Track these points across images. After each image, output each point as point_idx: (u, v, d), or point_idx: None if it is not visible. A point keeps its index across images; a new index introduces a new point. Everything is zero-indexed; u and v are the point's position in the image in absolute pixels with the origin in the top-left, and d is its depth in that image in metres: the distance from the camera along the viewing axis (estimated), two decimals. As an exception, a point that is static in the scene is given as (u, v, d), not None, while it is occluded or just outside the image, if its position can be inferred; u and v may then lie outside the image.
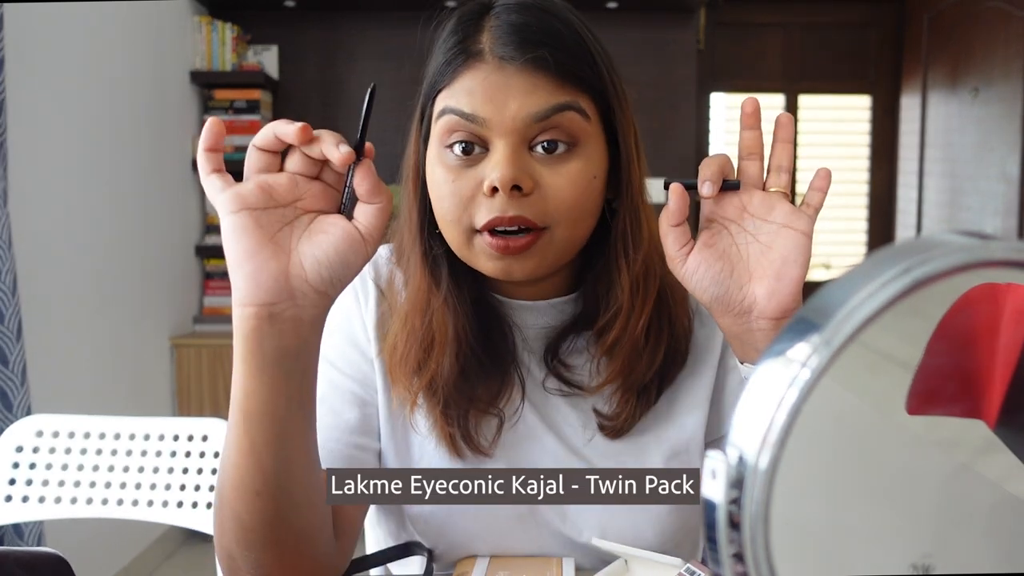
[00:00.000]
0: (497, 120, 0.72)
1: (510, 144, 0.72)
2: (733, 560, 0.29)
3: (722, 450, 0.30)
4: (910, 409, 0.33)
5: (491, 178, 0.72)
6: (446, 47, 0.76)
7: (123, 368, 2.64)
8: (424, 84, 0.79)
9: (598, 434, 0.84)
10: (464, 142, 0.74)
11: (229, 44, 3.15)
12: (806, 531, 0.32)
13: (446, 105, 0.74)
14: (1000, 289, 0.33)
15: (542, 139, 0.73)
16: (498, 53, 0.73)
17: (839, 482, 0.33)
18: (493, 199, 0.72)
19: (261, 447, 0.66)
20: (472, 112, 0.72)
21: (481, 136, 0.73)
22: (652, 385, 0.83)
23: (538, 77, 0.72)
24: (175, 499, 1.19)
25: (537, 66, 0.72)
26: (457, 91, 0.74)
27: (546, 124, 0.73)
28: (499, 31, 0.74)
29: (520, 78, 0.72)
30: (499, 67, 0.72)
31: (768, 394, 0.29)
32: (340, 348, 0.85)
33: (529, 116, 0.72)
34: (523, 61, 0.72)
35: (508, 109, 0.72)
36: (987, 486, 0.35)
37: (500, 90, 0.72)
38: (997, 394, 0.34)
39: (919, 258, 0.29)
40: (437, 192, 0.76)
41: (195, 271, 3.18)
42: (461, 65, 0.74)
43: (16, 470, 1.19)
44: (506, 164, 0.71)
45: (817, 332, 0.29)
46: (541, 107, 0.72)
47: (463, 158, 0.74)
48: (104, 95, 2.53)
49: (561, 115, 0.73)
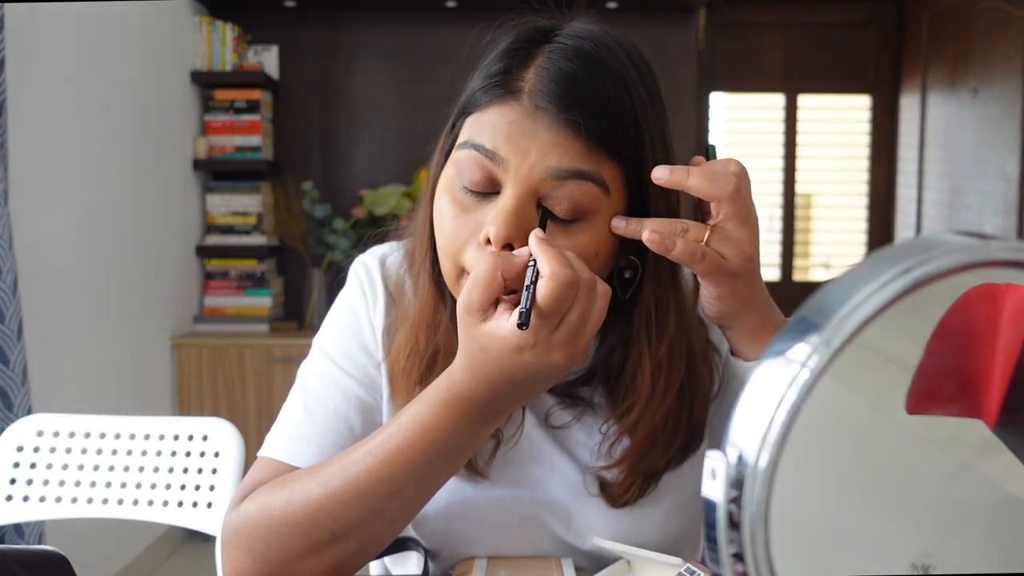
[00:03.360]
0: (515, 163, 0.69)
1: (519, 195, 0.69)
2: (733, 560, 0.29)
3: (722, 450, 0.30)
4: (910, 409, 0.33)
5: (488, 229, 0.69)
6: (490, 70, 0.72)
7: (123, 368, 2.64)
8: (461, 97, 0.75)
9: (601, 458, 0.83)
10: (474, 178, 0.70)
11: (229, 44, 3.15)
12: (806, 531, 0.32)
13: (469, 137, 0.71)
14: (1000, 289, 0.33)
15: (554, 204, 0.69)
16: (535, 100, 0.69)
17: (839, 482, 0.33)
18: (485, 250, 0.70)
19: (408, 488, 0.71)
20: (492, 148, 0.69)
21: (495, 178, 0.70)
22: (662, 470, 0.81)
23: (567, 136, 0.68)
24: (175, 499, 1.19)
25: (568, 125, 0.68)
26: (483, 123, 0.70)
27: (560, 186, 0.69)
28: (544, 75, 0.69)
29: (549, 132, 0.68)
30: (532, 113, 0.69)
31: (768, 394, 0.29)
32: (347, 349, 0.84)
33: (547, 171, 0.68)
34: (557, 117, 0.68)
35: (528, 157, 0.68)
36: (987, 486, 0.35)
37: (525, 136, 0.69)
38: (997, 394, 0.34)
39: (919, 258, 0.29)
40: (438, 218, 0.73)
41: (195, 271, 3.18)
42: (497, 97, 0.70)
43: (16, 470, 1.19)
44: (506, 218, 0.68)
45: (817, 332, 0.29)
46: (561, 167, 0.68)
47: (471, 195, 0.71)
48: (104, 95, 2.53)
49: (577, 183, 0.69)
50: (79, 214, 2.39)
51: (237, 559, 0.74)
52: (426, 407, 0.68)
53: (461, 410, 0.68)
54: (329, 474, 0.71)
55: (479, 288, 0.64)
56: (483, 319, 0.65)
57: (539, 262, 0.64)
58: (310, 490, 0.71)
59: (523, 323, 0.62)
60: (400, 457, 0.69)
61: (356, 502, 0.70)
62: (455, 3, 3.30)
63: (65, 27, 2.31)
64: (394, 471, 0.69)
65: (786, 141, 4.07)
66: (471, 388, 0.67)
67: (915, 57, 3.97)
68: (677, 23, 3.46)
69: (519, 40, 0.73)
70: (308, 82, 3.40)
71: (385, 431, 0.70)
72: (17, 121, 1.99)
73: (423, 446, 0.68)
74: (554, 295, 0.62)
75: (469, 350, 0.66)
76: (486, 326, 0.65)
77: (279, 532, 0.72)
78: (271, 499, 0.73)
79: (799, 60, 4.09)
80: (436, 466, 0.70)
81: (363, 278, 0.86)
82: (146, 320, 2.80)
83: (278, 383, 2.95)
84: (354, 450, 0.72)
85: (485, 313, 0.65)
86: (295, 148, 3.40)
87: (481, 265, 0.65)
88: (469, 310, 0.65)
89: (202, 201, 3.23)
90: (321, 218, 3.25)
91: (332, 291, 3.62)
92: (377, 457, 0.69)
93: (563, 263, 0.63)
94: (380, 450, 0.70)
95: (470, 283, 0.65)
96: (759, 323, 0.74)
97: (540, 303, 0.63)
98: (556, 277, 0.62)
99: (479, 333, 0.65)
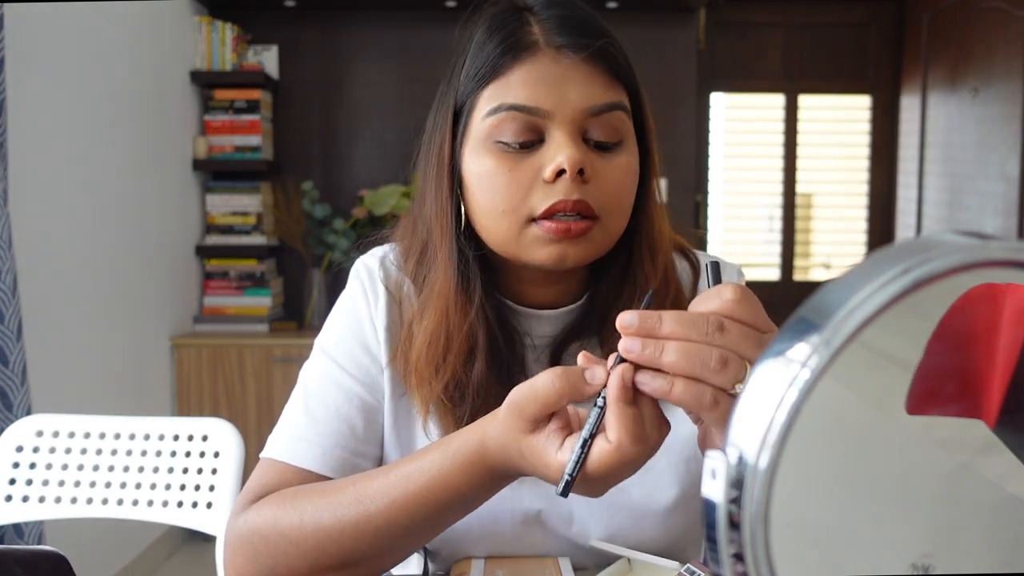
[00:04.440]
0: (557, 109, 0.73)
1: (570, 131, 0.73)
2: (733, 560, 0.29)
3: (722, 450, 0.30)
4: (910, 409, 0.33)
5: (557, 161, 0.72)
6: (490, 43, 0.75)
7: (123, 368, 2.64)
8: (459, 81, 0.78)
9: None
10: (519, 133, 0.74)
11: (229, 44, 3.15)
12: (806, 531, 0.31)
13: (501, 102, 0.74)
14: (1000, 289, 0.33)
15: (595, 135, 0.75)
16: (555, 43, 0.73)
17: (839, 482, 0.33)
18: (554, 184, 0.73)
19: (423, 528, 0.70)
20: (532, 104, 0.73)
21: (538, 127, 0.74)
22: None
23: (594, 70, 0.74)
24: (175, 499, 1.19)
25: (595, 59, 0.74)
26: (512, 84, 0.74)
27: (599, 121, 0.74)
28: (552, 23, 0.74)
29: (578, 70, 0.73)
30: (555, 58, 0.73)
31: (768, 394, 0.29)
32: (349, 350, 0.84)
33: (587, 108, 0.73)
34: (583, 53, 0.73)
35: (568, 99, 0.73)
36: (987, 486, 0.35)
37: (559, 80, 0.73)
38: (997, 394, 0.34)
39: (919, 258, 0.29)
40: (488, 184, 0.75)
41: (195, 271, 3.18)
42: (513, 59, 0.74)
43: (16, 470, 1.19)
44: (573, 148, 0.72)
45: (817, 332, 0.29)
46: (598, 102, 0.74)
47: (517, 149, 0.74)
48: (104, 95, 2.53)
49: (612, 114, 0.75)
50: (79, 214, 2.39)
51: (242, 567, 0.74)
52: (451, 463, 0.67)
53: (488, 474, 0.66)
54: (343, 504, 0.70)
55: (535, 404, 0.60)
56: (532, 429, 0.61)
57: (610, 421, 0.57)
58: (321, 517, 0.71)
59: (564, 493, 0.57)
60: (418, 504, 0.68)
61: (369, 538, 0.70)
62: (455, 3, 3.30)
63: (65, 27, 2.31)
64: (410, 515, 0.68)
65: (786, 141, 4.07)
66: (500, 463, 0.65)
67: (915, 57, 3.97)
68: (677, 23, 3.46)
69: (500, 13, 0.77)
70: (308, 82, 3.40)
71: (403, 469, 0.69)
72: (17, 121, 1.99)
73: (445, 496, 0.67)
74: (611, 468, 0.57)
75: (507, 441, 0.63)
76: (531, 439, 0.61)
77: (286, 552, 0.72)
78: (281, 516, 0.73)
79: (799, 60, 4.09)
80: (453, 512, 0.70)
81: (364, 279, 0.86)
82: (146, 320, 2.80)
83: (278, 383, 2.95)
84: (369, 482, 0.71)
85: (536, 424, 0.61)
86: (295, 148, 3.40)
87: (545, 382, 0.59)
88: (522, 414, 0.61)
89: (202, 201, 3.23)
90: (321, 218, 3.25)
91: (332, 291, 3.60)
92: (394, 499, 0.68)
93: (638, 436, 0.56)
94: (397, 491, 0.68)
95: (528, 390, 0.60)
96: None
97: (590, 468, 0.57)
98: (622, 452, 0.56)
99: (523, 440, 0.61)
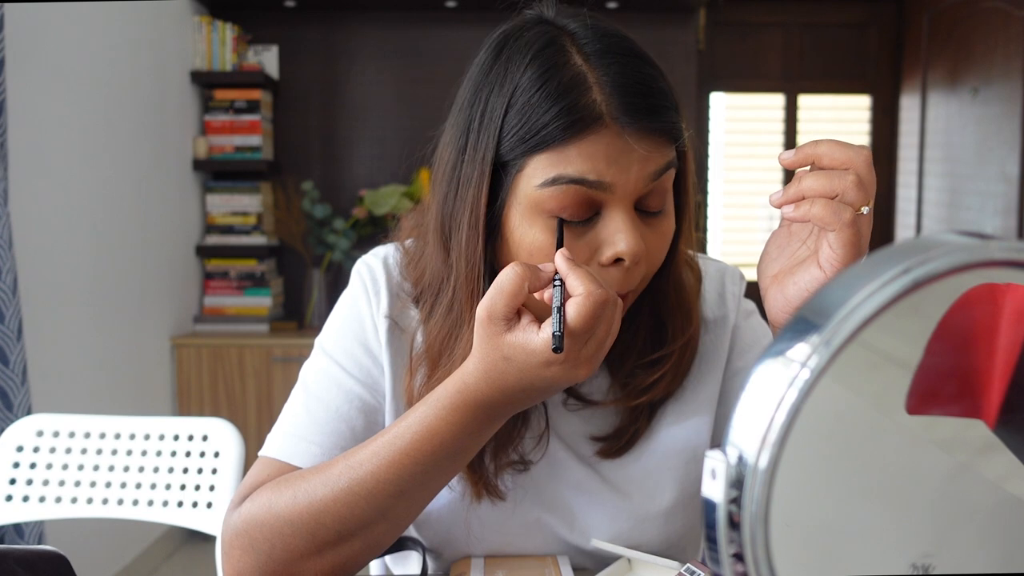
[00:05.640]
0: (619, 184, 0.69)
1: (628, 209, 0.71)
2: (733, 560, 0.29)
3: (722, 450, 0.30)
4: (910, 409, 0.33)
5: (618, 248, 0.70)
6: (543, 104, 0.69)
7: (123, 368, 2.64)
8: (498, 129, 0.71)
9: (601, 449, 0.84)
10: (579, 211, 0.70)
11: (229, 44, 3.15)
12: (806, 531, 0.31)
13: (561, 173, 0.69)
14: (1000, 289, 0.33)
15: (649, 199, 0.72)
16: (622, 121, 0.69)
17: (839, 482, 0.33)
18: (609, 268, 0.71)
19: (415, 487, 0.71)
20: (594, 178, 0.69)
21: (595, 201, 0.70)
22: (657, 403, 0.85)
23: (655, 141, 0.70)
24: (175, 499, 1.19)
25: (655, 132, 0.70)
26: (573, 157, 0.69)
27: (657, 184, 0.71)
28: (613, 90, 0.69)
29: (642, 143, 0.69)
30: (621, 132, 0.69)
31: (768, 394, 0.29)
32: (349, 349, 0.83)
33: (648, 177, 0.70)
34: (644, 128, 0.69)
35: (630, 174, 0.69)
36: (987, 486, 0.35)
37: (624, 156, 0.69)
38: (996, 394, 0.34)
39: (919, 258, 0.29)
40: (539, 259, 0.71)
41: (195, 271, 3.18)
42: (576, 132, 0.68)
43: (16, 470, 1.19)
44: (634, 235, 0.70)
45: (817, 332, 0.29)
46: (658, 167, 0.71)
47: (575, 225, 0.71)
48: (104, 95, 2.53)
49: (667, 173, 0.72)
50: (79, 214, 2.39)
51: (239, 559, 0.74)
52: (434, 410, 0.68)
53: (471, 414, 0.68)
54: (334, 474, 0.71)
55: (504, 297, 0.64)
56: (507, 328, 0.65)
57: (570, 281, 0.64)
58: (315, 491, 0.71)
59: (558, 347, 0.62)
60: (406, 459, 0.69)
61: (362, 503, 0.70)
62: (455, 3, 3.30)
63: (65, 27, 2.31)
64: (400, 473, 0.69)
65: (786, 141, 4.07)
66: (484, 393, 0.67)
67: (915, 57, 3.97)
68: (677, 23, 3.46)
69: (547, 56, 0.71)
70: (308, 82, 3.40)
71: (390, 432, 0.70)
72: (17, 121, 1.99)
73: (430, 448, 0.69)
74: (589, 314, 0.63)
75: (488, 357, 0.65)
76: (511, 336, 0.64)
77: (283, 532, 0.72)
78: (275, 499, 0.73)
79: (799, 60, 4.09)
80: (441, 467, 0.70)
81: (366, 278, 0.86)
82: (146, 320, 2.80)
83: (278, 383, 2.95)
84: (359, 450, 0.72)
85: (509, 323, 0.65)
86: (295, 148, 3.40)
87: (508, 275, 0.64)
88: (492, 318, 0.65)
89: (202, 201, 3.23)
90: (321, 218, 3.25)
91: (332, 291, 3.60)
92: (383, 458, 0.70)
93: (596, 282, 0.64)
94: (385, 451, 0.70)
95: (495, 291, 0.65)
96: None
97: (573, 323, 0.63)
98: (592, 296, 0.63)
99: (502, 342, 0.65)
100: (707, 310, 0.87)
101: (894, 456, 0.34)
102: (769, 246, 0.72)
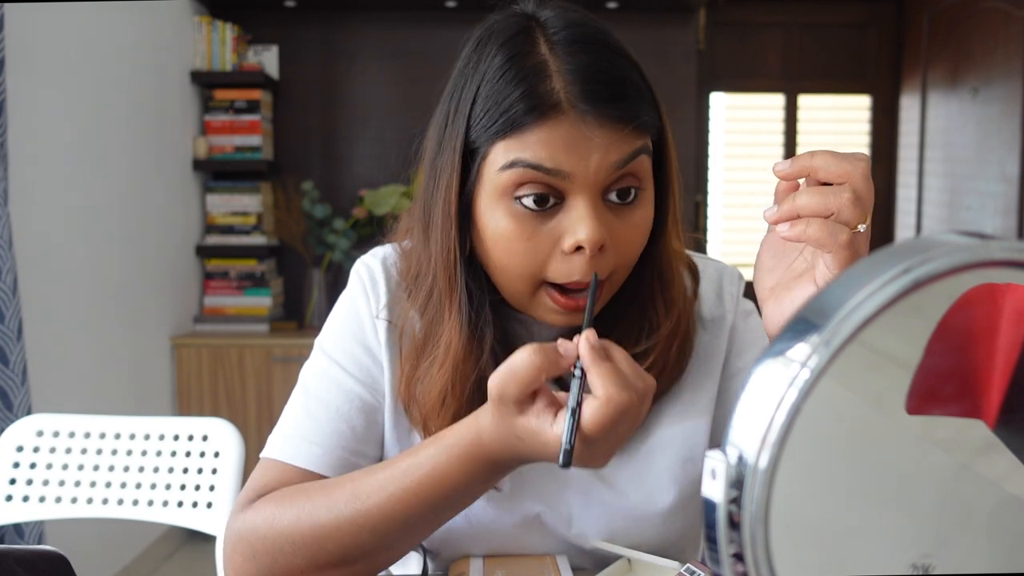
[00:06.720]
0: (580, 173, 0.68)
1: (590, 198, 0.69)
2: (733, 560, 0.29)
3: (722, 450, 0.30)
4: (910, 409, 0.33)
5: (577, 237, 0.69)
6: (506, 89, 0.69)
7: (123, 368, 2.64)
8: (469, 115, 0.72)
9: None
10: (537, 194, 0.69)
11: (229, 44, 3.15)
12: (806, 531, 0.31)
13: (518, 157, 0.69)
14: (1000, 289, 0.33)
15: (617, 187, 0.71)
16: (580, 108, 0.68)
17: (839, 482, 0.33)
18: (572, 256, 0.70)
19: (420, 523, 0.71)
20: (553, 167, 0.68)
21: (558, 188, 0.70)
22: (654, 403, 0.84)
23: (618, 129, 0.69)
24: (175, 499, 1.19)
25: (617, 120, 0.69)
26: (531, 143, 0.68)
27: (624, 171, 0.70)
28: (574, 78, 0.68)
29: (603, 131, 0.68)
30: (580, 119, 0.68)
31: (768, 394, 0.29)
32: (348, 349, 0.83)
33: (611, 166, 0.69)
34: (604, 116, 0.68)
35: (591, 162, 0.68)
36: (987, 486, 0.35)
37: (582, 143, 0.68)
38: (997, 394, 0.34)
39: (919, 258, 0.29)
40: (504, 246, 0.71)
41: (195, 271, 3.18)
42: (533, 118, 0.68)
43: (16, 470, 1.19)
44: (593, 223, 0.69)
45: (817, 332, 0.29)
46: (622, 156, 0.69)
47: (536, 211, 0.70)
48: (104, 95, 2.53)
49: (636, 160, 0.71)
50: (79, 214, 2.39)
51: (241, 565, 0.75)
52: (446, 456, 0.67)
53: (482, 466, 0.67)
54: (339, 501, 0.71)
55: (517, 384, 0.61)
56: (519, 412, 0.62)
57: (591, 378, 0.60)
58: (318, 515, 0.71)
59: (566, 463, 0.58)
60: (412, 497, 0.68)
61: (365, 534, 0.70)
62: (455, 3, 3.30)
63: (65, 27, 2.31)
64: (405, 509, 0.69)
65: (786, 141, 4.07)
66: (498, 453, 0.66)
67: (915, 57, 3.97)
68: (677, 23, 3.45)
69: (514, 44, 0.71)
70: (308, 82, 3.40)
71: (398, 466, 0.70)
72: (17, 121, 1.99)
73: (440, 491, 0.68)
74: (607, 422, 0.59)
75: (501, 430, 0.64)
76: (524, 420, 0.62)
77: (284, 550, 0.72)
78: (278, 515, 0.73)
79: (799, 60, 4.09)
80: (450, 506, 0.70)
81: (365, 278, 0.86)
82: (146, 320, 2.80)
83: (278, 383, 2.95)
84: (364, 478, 0.71)
85: (521, 405, 0.62)
86: (295, 148, 3.40)
87: (523, 360, 0.61)
88: (504, 400, 0.62)
89: (202, 201, 3.23)
90: (321, 218, 3.25)
91: (332, 291, 3.60)
92: (389, 493, 0.69)
93: (620, 383, 0.60)
94: (394, 487, 0.69)
95: (508, 372, 0.62)
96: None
97: (588, 429, 0.59)
98: (612, 404, 0.59)
99: (515, 424, 0.63)
100: (705, 310, 0.87)
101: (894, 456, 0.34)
102: (763, 254, 0.71)
